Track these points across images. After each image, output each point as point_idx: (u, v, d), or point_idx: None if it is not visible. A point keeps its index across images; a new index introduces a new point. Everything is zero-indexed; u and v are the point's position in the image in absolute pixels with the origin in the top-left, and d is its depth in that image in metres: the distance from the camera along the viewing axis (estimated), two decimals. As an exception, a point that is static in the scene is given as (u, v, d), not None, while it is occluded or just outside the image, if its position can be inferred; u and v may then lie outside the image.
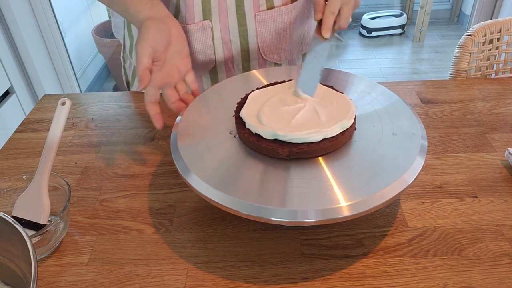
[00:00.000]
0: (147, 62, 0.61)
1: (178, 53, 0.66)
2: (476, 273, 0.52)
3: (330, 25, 0.65)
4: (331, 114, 0.58)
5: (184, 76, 0.68)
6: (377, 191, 0.49)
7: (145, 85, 0.60)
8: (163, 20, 0.64)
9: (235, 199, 0.49)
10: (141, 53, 0.61)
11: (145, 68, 0.60)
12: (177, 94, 0.67)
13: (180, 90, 0.67)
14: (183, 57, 0.67)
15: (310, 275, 0.53)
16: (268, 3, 0.78)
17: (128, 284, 0.53)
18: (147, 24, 0.62)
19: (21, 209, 0.59)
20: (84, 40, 2.57)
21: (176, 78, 0.67)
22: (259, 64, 0.85)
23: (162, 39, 0.63)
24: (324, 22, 0.65)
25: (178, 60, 0.66)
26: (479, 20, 2.69)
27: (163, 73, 0.64)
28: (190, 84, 0.69)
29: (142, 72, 0.60)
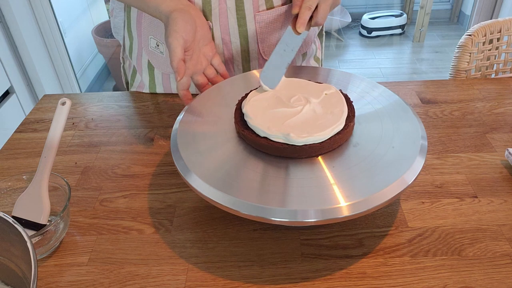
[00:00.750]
0: (181, 53, 0.63)
1: (203, 39, 0.70)
2: (476, 273, 0.52)
3: (305, 19, 0.66)
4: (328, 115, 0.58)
5: (211, 60, 0.72)
6: (377, 191, 0.49)
7: (182, 75, 0.63)
8: (187, 10, 0.66)
9: (235, 199, 0.49)
10: (174, 45, 0.63)
11: (180, 60, 0.63)
12: (206, 79, 0.71)
13: (210, 74, 0.71)
14: (208, 42, 0.71)
15: (310, 275, 0.53)
16: (267, 3, 0.78)
17: (128, 284, 0.53)
18: (174, 15, 0.64)
19: (21, 209, 0.59)
20: (84, 40, 2.57)
21: (205, 64, 0.71)
22: (259, 64, 0.85)
23: (190, 29, 0.65)
24: (299, 16, 0.65)
25: (203, 46, 0.70)
26: (479, 20, 2.69)
27: (194, 61, 0.68)
28: (217, 67, 0.73)
29: (178, 64, 0.62)
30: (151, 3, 0.68)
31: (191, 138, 0.60)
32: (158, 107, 0.88)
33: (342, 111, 0.58)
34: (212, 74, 0.72)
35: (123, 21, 0.90)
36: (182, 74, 0.63)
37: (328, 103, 0.60)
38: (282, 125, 0.56)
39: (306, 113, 0.58)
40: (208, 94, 0.69)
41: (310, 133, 0.54)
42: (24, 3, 1.96)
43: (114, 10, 0.96)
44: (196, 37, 0.67)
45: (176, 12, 0.65)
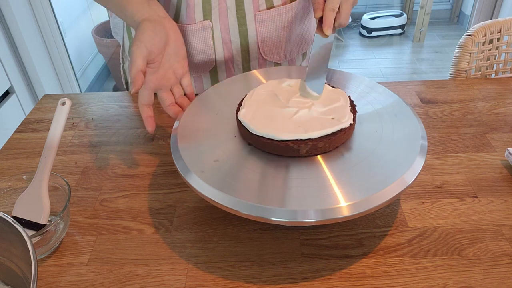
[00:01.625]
0: (141, 64, 0.59)
1: (175, 55, 0.65)
2: (476, 273, 0.52)
3: (331, 22, 0.64)
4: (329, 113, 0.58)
5: (181, 79, 0.67)
6: (377, 191, 0.49)
7: (138, 87, 0.59)
8: (160, 21, 0.63)
9: (235, 199, 0.49)
10: (136, 55, 0.59)
11: (138, 70, 0.59)
12: (173, 97, 0.66)
13: (176, 93, 0.67)
14: (180, 59, 0.66)
15: (310, 275, 0.53)
16: (267, 3, 0.78)
17: (128, 284, 0.53)
18: (143, 25, 0.61)
19: (21, 209, 0.59)
20: (84, 40, 2.57)
21: (172, 81, 0.66)
22: (259, 64, 0.85)
23: (158, 40, 0.62)
24: (325, 19, 0.64)
25: (175, 62, 0.65)
26: (479, 20, 2.69)
27: (159, 75, 0.63)
28: (186, 88, 0.68)
29: (135, 74, 0.59)
30: (128, 11, 0.65)
31: (191, 138, 0.60)
32: (158, 107, 0.88)
33: (344, 111, 0.58)
34: (178, 93, 0.67)
35: (123, 21, 0.90)
36: (138, 86, 0.59)
37: (329, 103, 0.60)
38: (285, 123, 0.56)
39: (308, 113, 0.58)
40: (208, 94, 0.69)
41: (311, 131, 0.54)
42: (24, 3, 1.96)
43: None
44: (167, 51, 0.64)
45: (147, 22, 0.62)
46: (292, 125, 0.56)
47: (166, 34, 0.63)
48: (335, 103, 0.60)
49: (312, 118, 0.57)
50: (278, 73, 0.73)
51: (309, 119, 0.57)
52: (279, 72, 0.74)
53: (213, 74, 0.86)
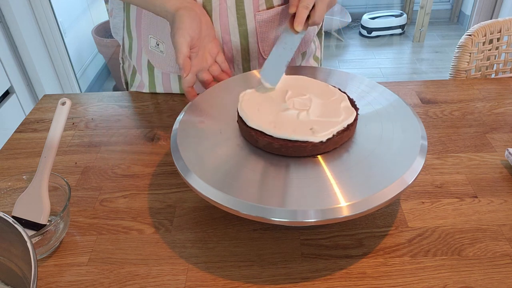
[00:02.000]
0: (186, 50, 0.64)
1: (208, 37, 0.70)
2: (476, 273, 0.52)
3: (302, 18, 0.66)
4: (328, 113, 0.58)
5: (216, 58, 0.72)
6: (377, 191, 0.49)
7: (188, 72, 0.64)
8: (192, 8, 0.67)
9: (235, 199, 0.49)
10: (181, 42, 0.64)
11: (185, 57, 0.64)
12: (211, 76, 0.72)
13: (214, 71, 0.72)
14: (212, 39, 0.72)
15: (310, 275, 0.53)
16: (267, 3, 0.78)
17: (128, 284, 0.53)
18: (180, 13, 0.65)
19: (21, 209, 0.59)
20: (84, 40, 2.57)
21: (210, 61, 0.72)
22: (259, 64, 0.85)
23: (196, 26, 0.66)
24: (297, 15, 0.66)
25: (208, 43, 0.71)
26: (479, 20, 2.69)
27: (199, 58, 0.69)
28: (221, 64, 0.73)
29: (183, 61, 0.63)
30: (157, 2, 0.69)
31: (191, 138, 0.60)
32: (158, 107, 0.88)
33: (345, 111, 0.58)
34: (216, 71, 0.72)
35: (123, 21, 0.90)
36: (188, 71, 0.64)
37: (331, 104, 0.60)
38: (284, 123, 0.56)
39: (309, 113, 0.58)
40: (208, 94, 0.69)
41: (313, 131, 0.54)
42: (24, 3, 1.96)
43: (113, 11, 0.96)
44: (201, 34, 0.68)
45: (182, 10, 0.66)
46: (298, 125, 0.56)
47: (200, 19, 0.67)
48: (337, 104, 0.59)
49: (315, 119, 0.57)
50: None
51: (312, 119, 0.57)
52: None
53: (214, 74, 0.86)
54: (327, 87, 0.63)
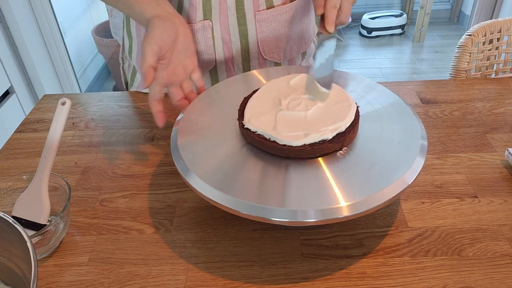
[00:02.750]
0: (152, 60, 0.61)
1: (184, 51, 0.66)
2: (476, 273, 0.52)
3: (333, 19, 0.65)
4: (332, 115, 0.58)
5: (190, 74, 0.68)
6: (377, 191, 0.49)
7: (149, 83, 0.61)
8: (169, 18, 0.64)
9: (235, 199, 0.49)
10: (146, 51, 0.61)
11: (149, 66, 0.61)
12: (182, 92, 0.67)
13: (186, 88, 0.67)
14: (189, 55, 0.67)
15: (310, 275, 0.53)
16: (267, 3, 0.78)
17: (128, 284, 0.53)
18: (153, 22, 0.63)
19: (21, 209, 0.59)
20: (84, 40, 2.57)
21: (182, 76, 0.67)
22: (259, 63, 0.85)
23: (168, 36, 0.63)
24: (327, 16, 0.64)
25: (184, 58, 0.66)
26: (479, 20, 2.69)
27: (169, 71, 0.64)
28: (196, 82, 0.69)
29: (146, 70, 0.60)
30: (136, 9, 0.66)
31: (191, 138, 0.60)
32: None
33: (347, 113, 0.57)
34: (187, 89, 0.67)
35: (122, 22, 0.90)
36: (149, 82, 0.61)
37: (333, 105, 0.60)
38: (287, 126, 0.56)
39: (310, 114, 0.58)
40: (208, 94, 0.69)
41: (313, 133, 0.54)
42: (24, 3, 1.96)
43: (113, 11, 0.96)
44: (176, 46, 0.64)
45: (156, 18, 0.63)
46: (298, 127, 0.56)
47: (175, 30, 0.64)
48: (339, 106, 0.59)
49: (316, 120, 0.57)
50: (278, 73, 0.73)
51: (312, 121, 0.57)
52: (279, 72, 0.74)
53: (213, 74, 0.86)
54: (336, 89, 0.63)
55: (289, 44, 0.86)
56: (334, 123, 0.56)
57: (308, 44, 0.90)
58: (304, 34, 0.88)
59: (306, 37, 0.89)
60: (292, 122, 0.57)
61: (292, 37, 0.85)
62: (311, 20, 0.89)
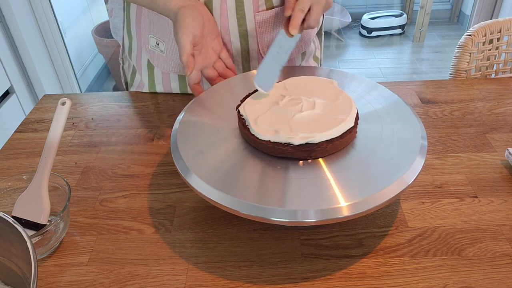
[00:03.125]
0: (190, 48, 0.65)
1: (211, 34, 0.72)
2: (476, 273, 0.52)
3: (298, 22, 0.66)
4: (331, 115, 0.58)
5: (219, 54, 0.74)
6: (377, 191, 0.49)
7: (191, 69, 0.65)
8: (195, 6, 0.68)
9: (235, 199, 0.49)
10: (184, 41, 0.65)
11: (189, 55, 0.65)
12: (216, 72, 0.73)
13: (219, 67, 0.73)
14: (215, 37, 0.73)
15: (310, 275, 0.53)
16: (267, 3, 0.78)
17: (128, 284, 0.53)
18: (182, 12, 0.66)
19: (21, 209, 0.59)
20: (84, 40, 2.57)
21: (213, 58, 0.73)
22: (259, 64, 0.85)
23: (198, 24, 0.67)
24: (292, 18, 0.66)
25: (211, 40, 0.72)
26: (479, 20, 2.69)
27: (202, 56, 0.70)
28: (225, 60, 0.74)
29: (187, 58, 0.64)
30: (160, 1, 0.70)
31: (191, 138, 0.60)
32: (158, 107, 0.88)
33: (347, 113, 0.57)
34: (221, 68, 0.74)
35: (122, 22, 0.90)
36: (192, 69, 0.65)
37: (333, 105, 0.60)
38: (285, 126, 0.56)
39: (310, 115, 0.58)
40: (208, 94, 0.69)
41: (313, 134, 0.54)
42: (24, 3, 1.96)
43: (113, 11, 0.96)
44: (204, 32, 0.69)
45: (184, 8, 0.67)
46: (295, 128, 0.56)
47: (202, 17, 0.68)
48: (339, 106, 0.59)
49: (316, 121, 0.57)
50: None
51: (312, 122, 0.57)
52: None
53: (214, 74, 0.87)
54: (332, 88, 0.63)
55: None
56: (310, 132, 0.55)
57: (307, 44, 0.90)
58: (303, 34, 0.88)
59: (306, 38, 0.89)
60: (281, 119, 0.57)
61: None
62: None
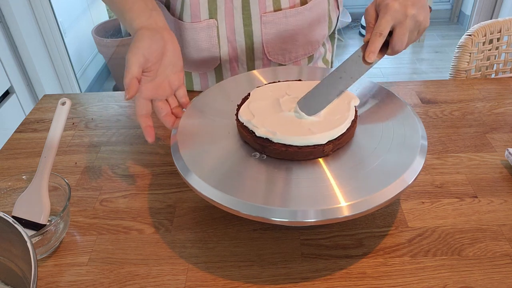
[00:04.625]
0: (137, 71, 0.59)
1: (172, 66, 0.64)
2: (476, 273, 0.52)
3: (375, 47, 0.58)
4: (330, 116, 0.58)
5: (176, 91, 0.66)
6: (377, 191, 0.49)
7: (132, 94, 0.58)
8: (159, 31, 0.62)
9: (235, 199, 0.49)
10: (132, 62, 0.58)
11: (133, 77, 0.58)
12: (169, 107, 0.65)
13: (171, 103, 0.65)
14: (176, 71, 0.65)
15: (310, 275, 0.53)
16: (275, 5, 0.78)
17: (128, 284, 0.53)
18: (141, 32, 0.60)
19: (21, 209, 0.59)
20: (84, 40, 2.57)
21: (168, 92, 0.65)
22: (264, 64, 0.85)
23: (156, 49, 0.61)
24: (369, 43, 0.59)
25: (171, 73, 0.64)
26: (479, 20, 2.69)
27: (154, 84, 0.62)
28: (180, 99, 0.66)
29: (130, 80, 0.58)
30: (127, 16, 0.64)
31: (191, 138, 0.60)
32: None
33: (346, 114, 0.57)
34: (173, 104, 0.66)
35: None
36: (132, 93, 0.58)
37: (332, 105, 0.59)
38: (283, 127, 0.56)
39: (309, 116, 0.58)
40: (209, 94, 0.69)
41: (313, 135, 0.54)
42: (24, 3, 1.96)
43: None
44: (164, 61, 0.62)
45: (145, 29, 0.61)
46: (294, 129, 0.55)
47: (163, 44, 0.62)
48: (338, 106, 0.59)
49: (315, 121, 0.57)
50: (281, 73, 0.73)
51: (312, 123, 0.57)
52: (280, 72, 0.74)
53: (218, 72, 0.86)
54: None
55: (295, 47, 0.85)
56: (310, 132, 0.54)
57: (315, 48, 0.88)
58: (311, 38, 0.87)
59: (314, 41, 0.87)
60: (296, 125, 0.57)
61: (299, 41, 0.84)
62: (322, 25, 0.87)
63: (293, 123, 0.57)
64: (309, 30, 0.84)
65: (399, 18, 0.57)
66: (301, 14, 0.80)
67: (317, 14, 0.84)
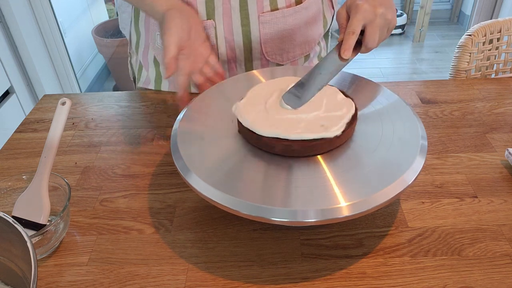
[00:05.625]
0: (174, 51, 0.63)
1: (199, 39, 0.69)
2: (476, 273, 0.52)
3: (349, 45, 0.61)
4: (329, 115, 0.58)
5: (207, 59, 0.71)
6: (377, 191, 0.49)
7: (171, 72, 0.63)
8: (182, 9, 0.67)
9: (235, 199, 0.49)
10: (169, 42, 0.63)
11: (171, 57, 0.63)
12: (204, 78, 0.70)
13: (207, 73, 0.71)
14: (202, 42, 0.70)
15: (310, 275, 0.53)
16: (272, 5, 0.78)
17: (128, 284, 0.53)
18: (171, 13, 0.65)
19: (21, 209, 0.59)
20: (84, 40, 2.57)
21: (201, 63, 0.70)
22: (262, 64, 0.85)
23: (186, 27, 0.65)
24: (344, 42, 0.62)
25: (199, 45, 0.69)
26: (479, 20, 2.69)
27: (191, 60, 0.67)
28: (214, 66, 0.72)
29: (169, 61, 0.62)
30: (147, 1, 0.68)
31: (191, 138, 0.60)
32: (158, 107, 0.88)
33: (345, 112, 0.57)
34: (209, 73, 0.71)
35: (130, 17, 0.90)
36: (171, 72, 0.63)
37: (331, 104, 0.60)
38: (284, 124, 0.56)
39: (309, 114, 0.58)
40: (208, 94, 0.69)
41: (313, 132, 0.54)
42: (24, 3, 1.96)
43: (122, 5, 0.97)
44: (192, 36, 0.67)
45: (172, 10, 0.65)
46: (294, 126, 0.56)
47: (189, 20, 0.66)
48: (337, 104, 0.59)
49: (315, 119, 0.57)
50: (279, 74, 0.73)
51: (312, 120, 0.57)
52: (281, 72, 0.74)
53: (216, 73, 0.87)
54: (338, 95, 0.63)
55: (293, 46, 0.85)
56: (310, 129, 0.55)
57: (311, 47, 0.89)
58: (308, 37, 0.87)
59: (310, 41, 0.88)
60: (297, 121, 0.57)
61: (296, 40, 0.85)
62: (317, 23, 0.88)
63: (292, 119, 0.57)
64: (306, 29, 0.85)
65: (369, 17, 0.61)
66: (298, 13, 0.81)
67: (313, 13, 0.84)
